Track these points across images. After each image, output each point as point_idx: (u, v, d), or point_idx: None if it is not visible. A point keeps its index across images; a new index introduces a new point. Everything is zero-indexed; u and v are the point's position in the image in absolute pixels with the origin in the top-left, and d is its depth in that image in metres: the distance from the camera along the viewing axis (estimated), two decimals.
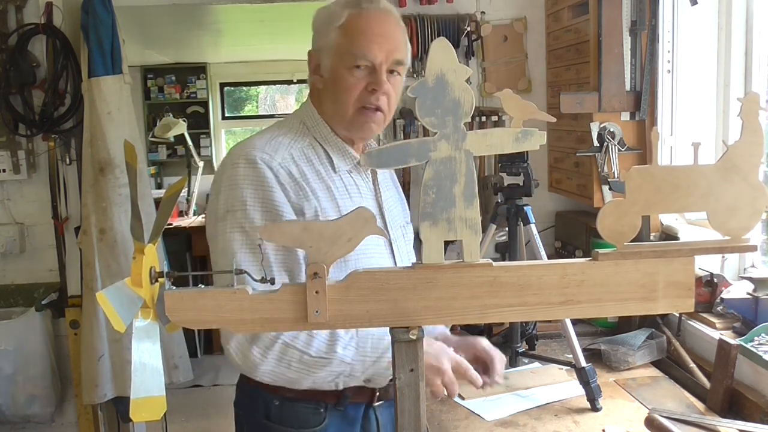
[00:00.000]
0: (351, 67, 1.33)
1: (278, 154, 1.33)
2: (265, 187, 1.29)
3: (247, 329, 0.87)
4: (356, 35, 1.33)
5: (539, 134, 0.85)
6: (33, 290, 3.02)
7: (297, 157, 1.36)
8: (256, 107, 9.07)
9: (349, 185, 1.40)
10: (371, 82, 1.34)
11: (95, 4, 2.77)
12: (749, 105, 0.84)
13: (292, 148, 1.37)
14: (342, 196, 1.37)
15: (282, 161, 1.33)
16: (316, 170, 1.37)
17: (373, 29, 1.34)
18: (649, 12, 2.35)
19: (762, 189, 0.86)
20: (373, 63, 1.33)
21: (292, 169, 1.33)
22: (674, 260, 0.88)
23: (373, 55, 1.33)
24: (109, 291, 0.77)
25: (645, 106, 2.39)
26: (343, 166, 1.41)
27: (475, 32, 2.94)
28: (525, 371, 2.12)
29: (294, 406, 1.39)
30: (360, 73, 1.34)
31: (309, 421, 1.39)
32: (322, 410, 1.40)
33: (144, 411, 0.79)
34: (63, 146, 2.98)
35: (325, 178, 1.37)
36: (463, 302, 0.87)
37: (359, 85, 1.34)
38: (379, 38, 1.33)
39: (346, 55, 1.34)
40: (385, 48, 1.34)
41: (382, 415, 1.49)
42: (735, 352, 1.78)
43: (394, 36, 1.37)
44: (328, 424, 1.40)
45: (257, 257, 1.26)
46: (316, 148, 1.41)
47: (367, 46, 1.32)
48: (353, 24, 1.34)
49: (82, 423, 3.05)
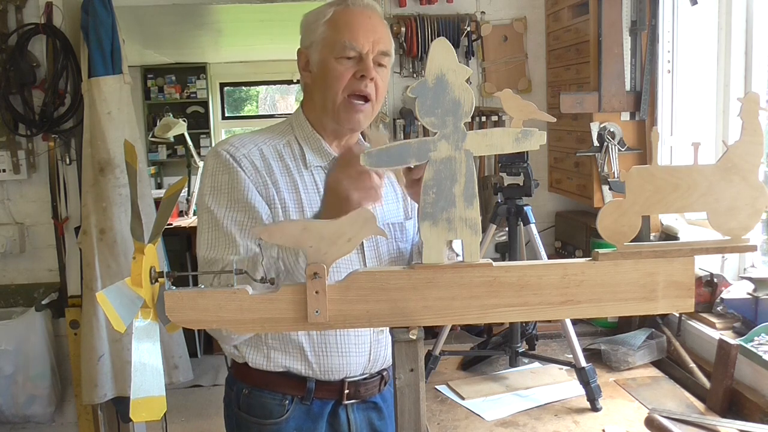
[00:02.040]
0: (339, 57, 1.38)
1: (244, 148, 1.40)
2: (230, 172, 1.36)
3: (247, 329, 0.87)
4: (343, 27, 1.39)
5: (539, 134, 0.85)
6: (33, 290, 3.02)
7: (266, 152, 1.42)
8: (256, 107, 9.08)
9: (320, 182, 1.43)
10: (359, 69, 1.38)
11: (95, 4, 2.77)
12: (749, 105, 0.84)
13: (263, 144, 1.43)
14: (309, 191, 1.41)
15: (247, 153, 1.39)
16: (285, 165, 1.42)
17: (359, 21, 1.40)
18: (649, 12, 2.35)
19: (762, 189, 0.86)
20: (360, 52, 1.38)
21: (255, 161, 1.39)
22: (674, 260, 0.88)
23: (360, 45, 1.38)
24: (109, 291, 0.77)
25: (645, 106, 2.39)
26: (316, 162, 1.45)
27: (475, 32, 2.94)
28: (525, 371, 2.12)
29: (260, 396, 1.44)
30: (348, 62, 1.39)
31: (273, 412, 1.43)
32: (287, 402, 1.43)
33: (144, 411, 0.79)
34: (63, 146, 2.99)
35: (293, 173, 1.42)
36: (463, 302, 0.87)
37: (348, 74, 1.38)
38: (364, 30, 1.39)
39: (334, 45, 1.39)
40: (371, 38, 1.39)
41: (355, 416, 1.49)
42: (735, 352, 1.78)
43: (379, 29, 1.43)
44: (290, 416, 1.43)
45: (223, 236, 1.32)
46: (293, 145, 1.46)
47: (354, 37, 1.38)
48: (340, 17, 1.41)
49: (82, 423, 3.05)
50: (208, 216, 1.36)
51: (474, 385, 2.02)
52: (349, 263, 1.38)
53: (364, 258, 1.44)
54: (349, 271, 0.88)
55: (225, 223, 1.33)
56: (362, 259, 1.44)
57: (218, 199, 1.36)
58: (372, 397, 1.51)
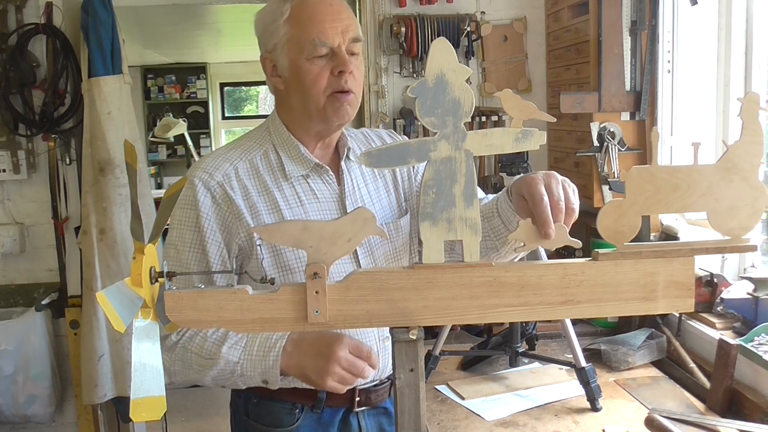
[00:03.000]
0: (311, 57, 1.29)
1: (219, 172, 1.34)
2: (197, 208, 1.33)
3: (247, 329, 0.87)
4: (306, 23, 1.30)
5: (539, 134, 0.85)
6: (33, 290, 3.02)
7: (242, 171, 1.36)
8: (256, 107, 9.08)
9: (303, 192, 1.37)
10: (335, 65, 1.30)
11: (95, 4, 2.77)
12: (749, 105, 0.84)
13: (239, 161, 1.37)
14: (292, 205, 1.35)
15: (222, 179, 1.33)
16: (262, 182, 1.36)
17: (322, 12, 1.30)
18: (649, 12, 2.35)
19: (762, 189, 0.86)
20: (331, 47, 1.30)
21: (229, 188, 1.33)
22: (674, 260, 0.88)
23: (330, 39, 1.29)
24: (109, 291, 0.77)
25: (645, 106, 2.39)
26: (297, 172, 1.38)
27: (475, 32, 2.94)
28: (525, 371, 2.12)
29: (269, 405, 1.41)
30: (321, 60, 1.30)
31: (283, 420, 1.40)
32: (297, 411, 1.40)
33: (144, 411, 0.79)
34: (63, 146, 2.99)
35: (271, 191, 1.35)
36: (463, 302, 0.87)
37: (324, 73, 1.30)
38: (330, 20, 1.30)
39: (302, 45, 1.30)
40: (339, 28, 1.30)
41: (367, 422, 1.47)
42: (735, 352, 1.78)
43: (344, 14, 1.33)
44: (300, 425, 1.40)
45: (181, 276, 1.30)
46: (270, 155, 1.39)
47: (321, 31, 1.29)
48: (299, 13, 1.31)
49: (82, 423, 3.05)
50: (174, 253, 1.34)
51: (474, 385, 2.02)
52: (342, 265, 1.32)
53: (357, 260, 1.40)
54: (341, 272, 0.88)
55: (187, 259, 1.33)
56: (356, 261, 1.40)
57: (185, 235, 1.33)
58: (382, 403, 1.49)
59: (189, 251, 1.33)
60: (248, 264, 1.34)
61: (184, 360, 1.33)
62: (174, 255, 1.33)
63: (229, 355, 1.29)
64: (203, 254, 1.32)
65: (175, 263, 1.32)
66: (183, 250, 1.33)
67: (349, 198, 1.42)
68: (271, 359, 1.26)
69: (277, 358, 1.25)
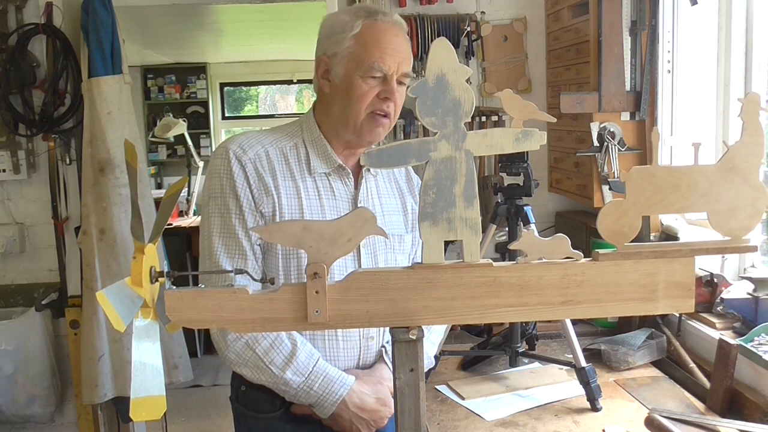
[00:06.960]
0: (366, 77, 1.40)
1: (252, 150, 1.43)
2: (233, 177, 1.41)
3: (247, 329, 0.87)
4: (372, 45, 1.40)
5: (539, 134, 0.85)
6: (33, 290, 3.02)
7: (272, 154, 1.45)
8: (256, 107, 9.08)
9: (323, 188, 1.46)
10: (383, 90, 1.41)
11: (95, 4, 2.77)
12: (749, 105, 0.84)
13: (270, 146, 1.45)
14: (310, 197, 1.44)
15: (254, 156, 1.42)
16: (290, 169, 1.45)
17: (388, 41, 1.41)
18: (649, 12, 2.35)
19: (762, 189, 0.86)
20: (386, 74, 1.40)
21: (260, 165, 1.42)
22: (674, 260, 0.88)
23: (387, 66, 1.40)
24: (109, 291, 0.77)
25: (645, 106, 2.39)
26: (321, 169, 1.47)
27: (475, 32, 2.94)
28: (525, 371, 2.12)
29: (254, 393, 1.48)
30: (373, 81, 1.41)
31: (266, 407, 1.48)
32: (278, 401, 1.46)
33: (144, 411, 0.79)
34: (63, 146, 2.98)
35: (296, 178, 1.44)
36: (463, 302, 0.87)
37: (372, 93, 1.41)
38: (392, 50, 1.40)
39: (361, 63, 1.40)
40: (397, 59, 1.41)
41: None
42: (735, 352, 1.78)
43: (404, 49, 1.44)
44: (283, 412, 1.47)
45: (230, 239, 1.39)
46: (299, 148, 1.48)
47: (381, 58, 1.39)
48: (367, 34, 1.41)
49: (82, 423, 3.05)
50: (219, 220, 1.41)
51: (474, 385, 2.02)
52: (345, 270, 1.38)
53: (359, 264, 1.47)
54: (344, 274, 0.88)
55: (234, 224, 1.40)
56: (358, 264, 1.47)
57: (228, 203, 1.40)
58: None
59: (235, 218, 1.40)
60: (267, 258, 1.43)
61: (241, 355, 1.41)
62: (219, 223, 1.40)
63: (291, 380, 1.39)
64: (244, 222, 1.40)
65: (223, 230, 1.40)
66: (227, 216, 1.40)
67: (362, 202, 1.50)
68: (329, 403, 1.40)
69: (333, 407, 1.40)
